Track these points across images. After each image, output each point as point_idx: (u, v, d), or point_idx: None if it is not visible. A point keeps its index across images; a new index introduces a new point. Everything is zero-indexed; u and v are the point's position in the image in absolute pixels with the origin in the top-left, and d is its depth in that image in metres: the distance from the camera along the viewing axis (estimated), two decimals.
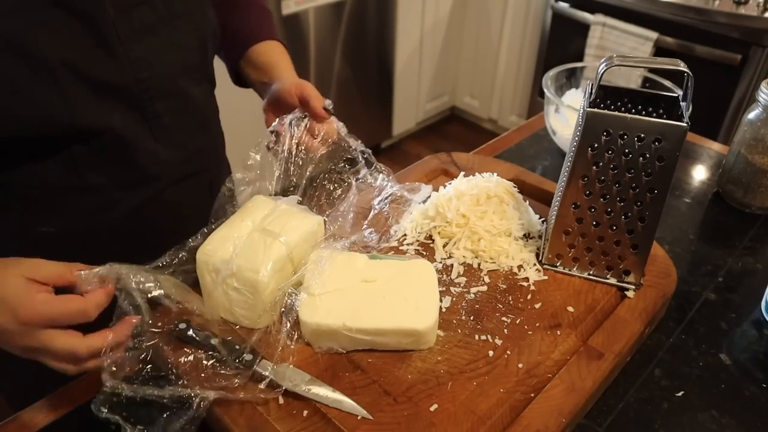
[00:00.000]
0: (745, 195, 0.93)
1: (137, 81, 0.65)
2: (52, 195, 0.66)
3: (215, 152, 0.86)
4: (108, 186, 0.68)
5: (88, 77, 0.60)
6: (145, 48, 0.65)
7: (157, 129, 0.70)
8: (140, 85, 0.66)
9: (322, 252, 0.68)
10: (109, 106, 0.64)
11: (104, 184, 0.68)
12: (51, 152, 0.63)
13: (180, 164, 0.75)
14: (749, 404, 0.65)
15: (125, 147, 0.67)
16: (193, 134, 0.76)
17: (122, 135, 0.66)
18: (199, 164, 0.78)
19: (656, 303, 0.70)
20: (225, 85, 0.87)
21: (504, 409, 0.58)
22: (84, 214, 0.68)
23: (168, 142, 0.72)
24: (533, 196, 0.88)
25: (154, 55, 0.66)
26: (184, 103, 0.73)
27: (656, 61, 0.65)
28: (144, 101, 0.67)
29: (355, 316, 0.61)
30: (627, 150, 0.65)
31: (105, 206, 0.69)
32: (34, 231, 0.67)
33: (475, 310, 0.69)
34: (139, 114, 0.67)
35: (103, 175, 0.67)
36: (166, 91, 0.69)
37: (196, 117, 0.76)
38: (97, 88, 0.62)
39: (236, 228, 0.65)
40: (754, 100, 0.89)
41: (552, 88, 1.04)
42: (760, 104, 0.87)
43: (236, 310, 0.64)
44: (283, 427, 0.56)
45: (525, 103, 2.81)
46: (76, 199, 0.67)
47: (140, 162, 0.69)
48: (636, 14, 2.10)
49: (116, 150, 0.67)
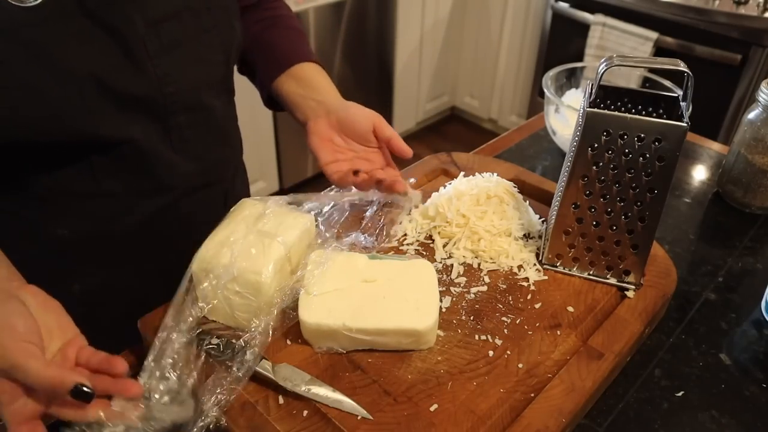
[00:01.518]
0: (745, 195, 0.93)
1: (163, 95, 0.65)
2: (68, 199, 0.66)
3: (232, 162, 0.85)
4: (123, 193, 0.68)
5: (114, 90, 0.60)
6: (172, 62, 0.64)
7: (177, 141, 0.70)
8: (166, 99, 0.65)
9: (322, 252, 0.68)
10: (132, 118, 0.64)
11: (120, 192, 0.68)
12: (70, 159, 0.63)
13: (197, 175, 0.74)
14: (749, 404, 0.65)
15: (144, 157, 0.67)
16: (211, 146, 0.76)
17: (142, 145, 0.66)
18: (215, 175, 0.78)
19: (656, 303, 0.70)
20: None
21: (504, 409, 0.58)
22: (99, 219, 0.68)
23: (186, 154, 0.72)
24: (533, 196, 0.88)
25: (181, 70, 0.66)
26: (205, 115, 0.73)
27: (656, 61, 0.65)
28: (168, 114, 0.67)
29: (355, 316, 0.61)
30: (627, 150, 0.65)
31: (119, 212, 0.69)
32: (49, 233, 0.67)
33: (475, 310, 0.69)
34: (161, 126, 0.67)
35: (119, 183, 0.67)
36: (190, 105, 0.69)
37: (216, 129, 0.76)
38: (123, 101, 0.62)
39: (230, 232, 0.65)
40: (754, 100, 0.89)
41: (552, 88, 1.04)
42: (760, 104, 0.87)
43: (238, 314, 0.64)
44: (283, 427, 0.56)
45: (525, 103, 2.81)
46: (91, 204, 0.67)
47: (157, 172, 0.69)
48: (636, 14, 2.10)
49: (135, 159, 0.66)
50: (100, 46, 0.58)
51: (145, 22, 0.61)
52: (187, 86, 0.67)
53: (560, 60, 1.24)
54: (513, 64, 2.76)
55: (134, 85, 0.62)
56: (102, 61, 0.58)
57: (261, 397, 0.58)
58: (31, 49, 0.54)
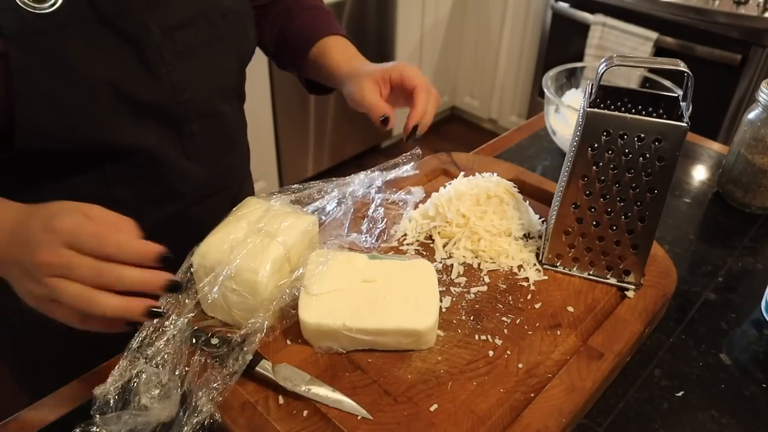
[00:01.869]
0: (745, 195, 0.93)
1: (177, 103, 0.65)
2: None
3: (241, 168, 0.85)
4: (135, 201, 0.68)
5: (129, 97, 0.60)
6: (186, 69, 0.64)
7: (190, 148, 0.70)
8: (180, 106, 0.65)
9: (322, 252, 0.68)
10: (146, 126, 0.64)
11: (131, 199, 0.68)
12: (83, 166, 0.63)
13: (207, 182, 0.75)
14: (749, 404, 0.65)
15: (156, 164, 0.67)
16: (222, 152, 0.76)
17: (155, 153, 0.66)
18: (225, 181, 0.78)
19: (656, 303, 0.70)
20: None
21: (504, 409, 0.58)
22: None
23: (199, 161, 0.72)
24: (533, 196, 0.88)
25: (195, 77, 0.66)
26: (218, 122, 0.73)
27: (656, 61, 0.65)
28: (181, 122, 0.67)
29: (355, 316, 0.61)
30: (627, 150, 0.65)
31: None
32: None
33: (475, 310, 0.69)
34: (174, 133, 0.67)
35: (131, 190, 0.67)
36: (203, 112, 0.69)
37: (227, 136, 0.76)
38: (137, 109, 0.61)
39: (232, 230, 0.65)
40: (754, 100, 0.89)
41: (552, 88, 1.04)
42: (760, 104, 0.87)
43: (235, 312, 0.64)
44: (283, 427, 0.56)
45: (525, 103, 2.81)
46: None
47: (170, 179, 0.69)
48: (636, 14, 2.10)
49: (148, 167, 0.67)
50: (116, 54, 0.58)
51: (161, 29, 0.60)
52: (200, 94, 0.67)
53: (560, 60, 1.24)
54: (513, 64, 2.76)
55: (149, 92, 0.62)
56: (117, 69, 0.58)
57: (261, 397, 0.58)
58: (47, 57, 0.54)
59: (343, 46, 0.83)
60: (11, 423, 0.61)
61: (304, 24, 0.84)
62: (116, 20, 0.57)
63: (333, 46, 0.82)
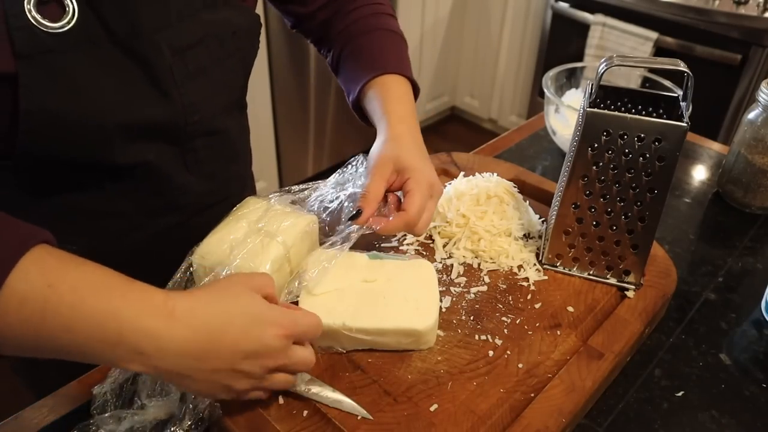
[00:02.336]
0: (745, 195, 0.93)
1: (186, 123, 0.65)
2: (78, 217, 0.66)
3: (243, 177, 0.85)
4: (134, 212, 0.68)
5: (138, 119, 0.60)
6: (196, 90, 0.64)
7: (192, 162, 0.70)
8: (188, 126, 0.65)
9: (323, 252, 0.67)
10: (151, 144, 0.63)
11: (131, 212, 0.68)
12: (84, 179, 0.63)
13: (208, 194, 0.74)
14: (749, 404, 0.65)
15: (157, 178, 0.67)
16: (224, 165, 0.75)
17: (157, 167, 0.66)
18: (226, 192, 0.78)
19: (656, 303, 0.70)
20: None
21: (504, 409, 0.58)
22: (108, 236, 0.68)
23: (199, 174, 0.71)
24: (533, 196, 0.88)
25: (204, 98, 0.65)
26: (221, 137, 0.72)
27: (656, 61, 0.65)
28: (186, 139, 0.67)
29: (355, 316, 0.61)
30: (627, 150, 0.65)
31: (129, 230, 0.69)
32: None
33: (475, 310, 0.69)
34: (178, 149, 0.67)
35: (130, 202, 0.67)
36: (209, 129, 0.69)
37: (230, 148, 0.76)
38: (145, 130, 0.61)
39: (232, 230, 0.65)
40: (754, 100, 0.89)
41: (552, 88, 1.04)
42: (760, 104, 0.87)
43: None
44: (283, 427, 0.56)
45: (525, 103, 2.81)
46: (101, 222, 0.67)
47: (170, 192, 0.69)
48: (636, 14, 2.10)
49: (149, 181, 0.66)
50: (127, 75, 0.58)
51: (172, 51, 0.60)
52: (208, 113, 0.67)
53: (560, 60, 1.24)
54: (513, 64, 2.76)
55: (159, 113, 0.61)
56: (128, 90, 0.58)
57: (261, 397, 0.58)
58: (58, 76, 0.53)
59: (399, 98, 0.77)
60: (11, 423, 0.61)
61: (371, 48, 0.78)
62: (128, 41, 0.56)
63: (394, 98, 0.77)
